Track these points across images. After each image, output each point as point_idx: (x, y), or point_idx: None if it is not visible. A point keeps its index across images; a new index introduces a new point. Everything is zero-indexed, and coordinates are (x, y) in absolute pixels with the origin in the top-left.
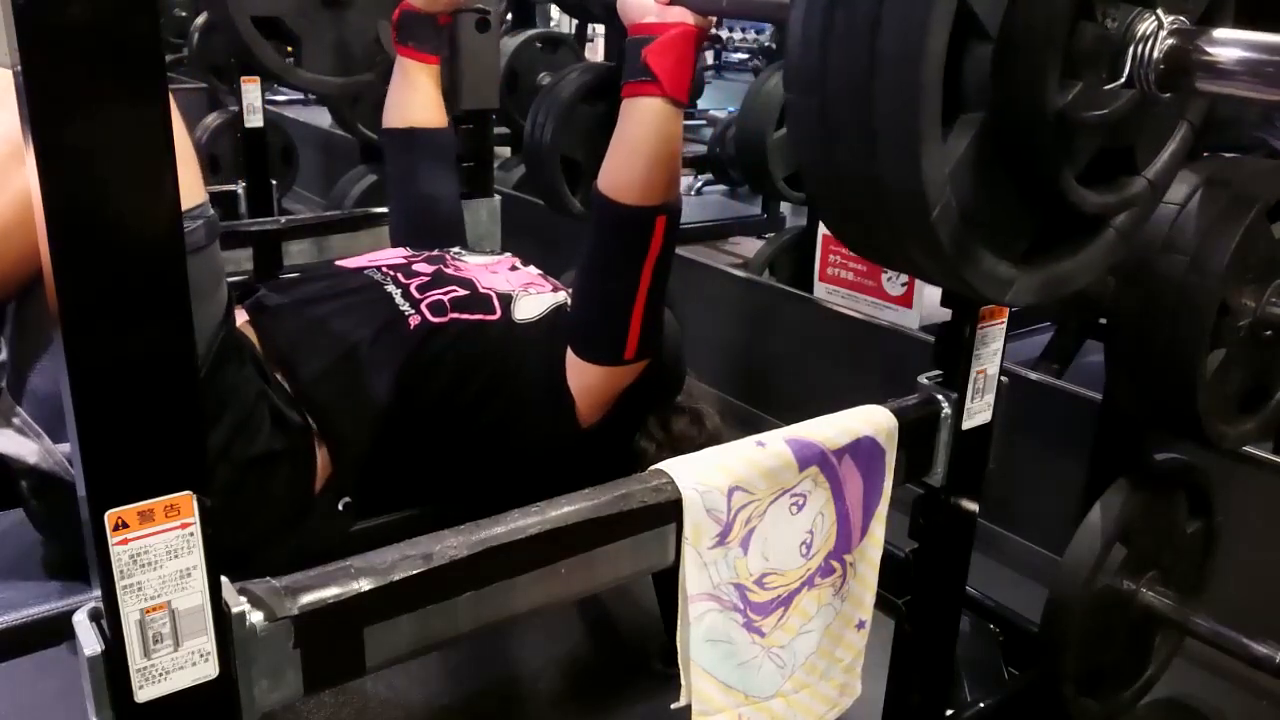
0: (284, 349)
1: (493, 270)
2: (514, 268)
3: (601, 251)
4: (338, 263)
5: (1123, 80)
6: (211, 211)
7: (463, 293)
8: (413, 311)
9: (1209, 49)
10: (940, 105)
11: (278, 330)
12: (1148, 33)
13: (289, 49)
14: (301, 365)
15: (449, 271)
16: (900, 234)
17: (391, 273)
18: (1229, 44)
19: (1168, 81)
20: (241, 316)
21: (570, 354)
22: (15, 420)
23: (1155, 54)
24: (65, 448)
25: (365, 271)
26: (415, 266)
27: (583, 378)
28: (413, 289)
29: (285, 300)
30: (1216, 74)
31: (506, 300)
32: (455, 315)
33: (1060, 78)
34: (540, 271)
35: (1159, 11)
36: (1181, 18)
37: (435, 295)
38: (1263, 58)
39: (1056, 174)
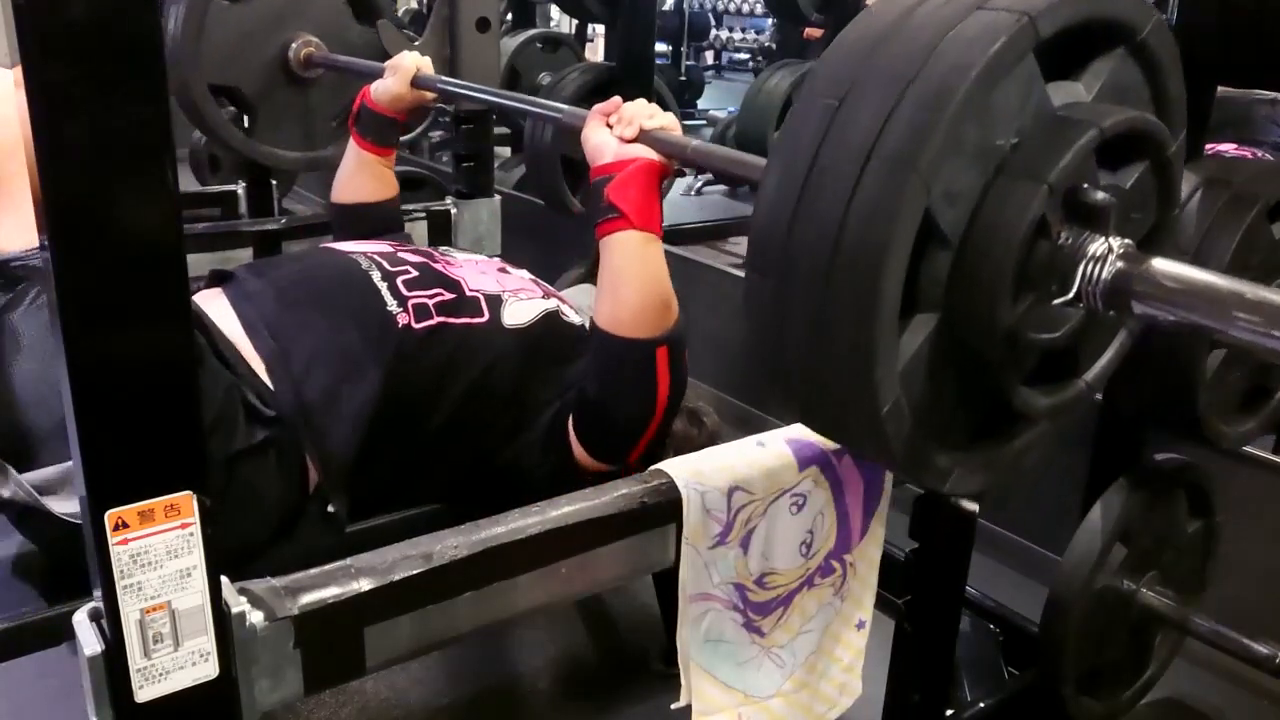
0: (268, 342)
1: (482, 270)
2: (504, 270)
3: (611, 381)
4: (324, 244)
5: (1071, 296)
6: None
7: (449, 296)
8: (399, 309)
9: (1148, 277)
10: (898, 309)
11: (259, 320)
12: (1098, 254)
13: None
14: (285, 363)
15: (436, 267)
16: (846, 422)
17: (378, 259)
18: (1166, 276)
19: (1111, 301)
20: (221, 301)
21: (573, 437)
22: None
23: (1104, 275)
24: (31, 475)
25: (351, 255)
26: (401, 255)
27: (584, 458)
28: (399, 283)
29: (267, 286)
30: (1152, 300)
31: (495, 303)
32: (442, 319)
33: (1012, 290)
34: (531, 276)
35: (1109, 236)
36: (1128, 241)
37: (420, 297)
38: (1192, 289)
39: (1005, 381)
